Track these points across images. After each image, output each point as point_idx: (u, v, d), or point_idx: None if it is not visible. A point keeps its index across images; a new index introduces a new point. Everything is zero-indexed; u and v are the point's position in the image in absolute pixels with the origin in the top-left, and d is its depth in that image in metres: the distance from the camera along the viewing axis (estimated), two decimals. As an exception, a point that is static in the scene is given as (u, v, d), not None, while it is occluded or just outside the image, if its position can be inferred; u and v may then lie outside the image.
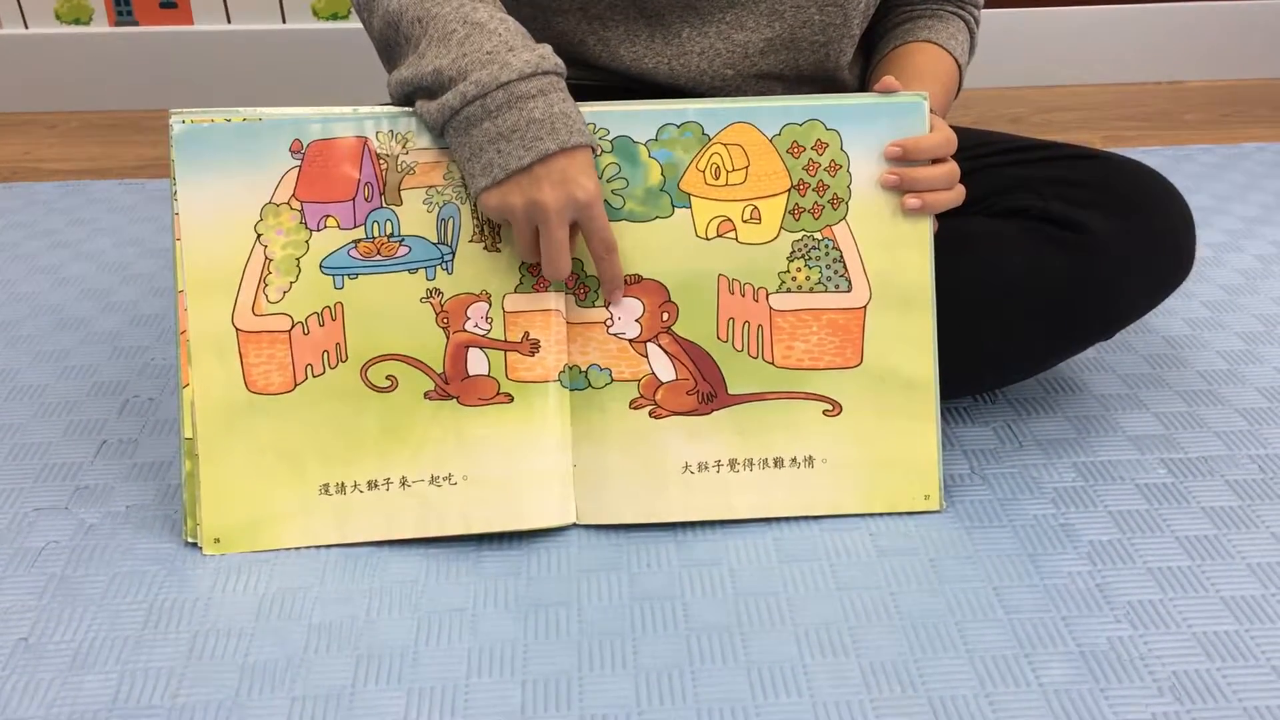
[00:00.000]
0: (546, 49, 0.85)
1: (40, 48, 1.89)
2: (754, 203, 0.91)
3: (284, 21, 1.89)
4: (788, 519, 0.94)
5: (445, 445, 0.92)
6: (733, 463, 0.94)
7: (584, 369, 0.92)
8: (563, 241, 0.85)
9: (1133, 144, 1.75)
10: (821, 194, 0.91)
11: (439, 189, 0.89)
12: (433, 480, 0.92)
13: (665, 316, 0.92)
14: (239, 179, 0.88)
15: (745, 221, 0.91)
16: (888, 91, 0.91)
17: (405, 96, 0.88)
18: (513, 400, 0.92)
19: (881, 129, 0.91)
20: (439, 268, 0.90)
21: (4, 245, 1.45)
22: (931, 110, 0.91)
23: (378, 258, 0.90)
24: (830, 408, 0.94)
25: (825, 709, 0.77)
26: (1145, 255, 0.99)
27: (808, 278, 0.92)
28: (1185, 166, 1.65)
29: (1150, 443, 1.04)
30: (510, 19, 0.86)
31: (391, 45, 0.90)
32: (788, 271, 0.92)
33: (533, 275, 0.91)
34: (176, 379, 0.92)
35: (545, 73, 0.84)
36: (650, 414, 0.93)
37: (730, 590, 0.87)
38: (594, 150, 0.87)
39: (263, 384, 0.90)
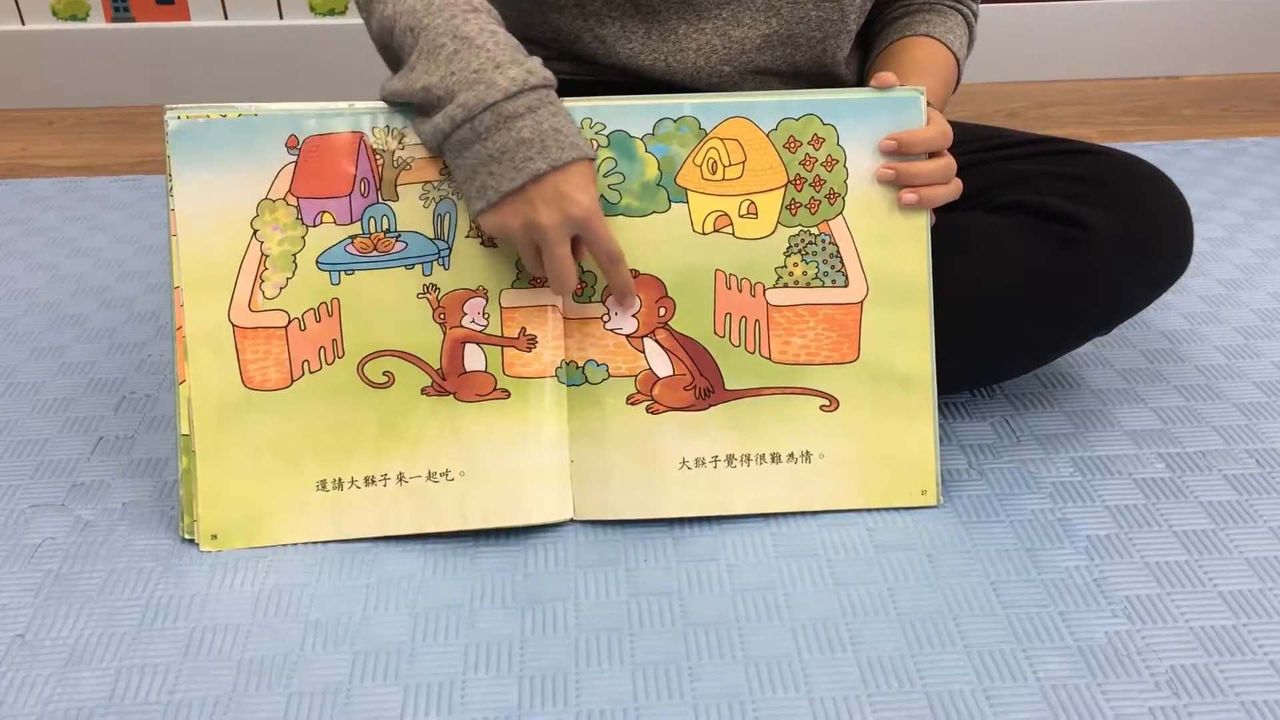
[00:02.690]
0: (535, 62, 0.83)
1: (37, 44, 1.89)
2: (751, 198, 0.91)
3: (281, 17, 1.89)
4: (785, 514, 0.94)
5: (442, 441, 0.92)
6: (730, 458, 0.93)
7: (581, 364, 0.92)
8: (564, 258, 0.85)
9: (1130, 138, 1.75)
10: (818, 189, 0.91)
11: (435, 184, 0.89)
12: (430, 476, 0.92)
13: (662, 312, 0.92)
14: (235, 175, 0.88)
15: (742, 216, 0.91)
16: (885, 86, 0.90)
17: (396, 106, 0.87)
18: (510, 396, 0.92)
19: (879, 124, 0.90)
20: (435, 263, 0.90)
21: (1, 242, 1.44)
22: (929, 104, 0.91)
23: (374, 253, 0.90)
24: (827, 403, 0.93)
25: (823, 704, 0.77)
26: (1143, 250, 0.98)
27: (805, 273, 0.92)
28: (1183, 161, 1.64)
29: (1148, 437, 1.04)
30: (500, 30, 0.85)
31: (388, 49, 0.89)
32: (784, 266, 0.92)
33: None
34: (173, 375, 0.91)
35: (533, 88, 0.82)
36: (647, 409, 0.93)
37: (728, 586, 0.87)
38: (590, 159, 0.85)
39: (259, 380, 0.90)
